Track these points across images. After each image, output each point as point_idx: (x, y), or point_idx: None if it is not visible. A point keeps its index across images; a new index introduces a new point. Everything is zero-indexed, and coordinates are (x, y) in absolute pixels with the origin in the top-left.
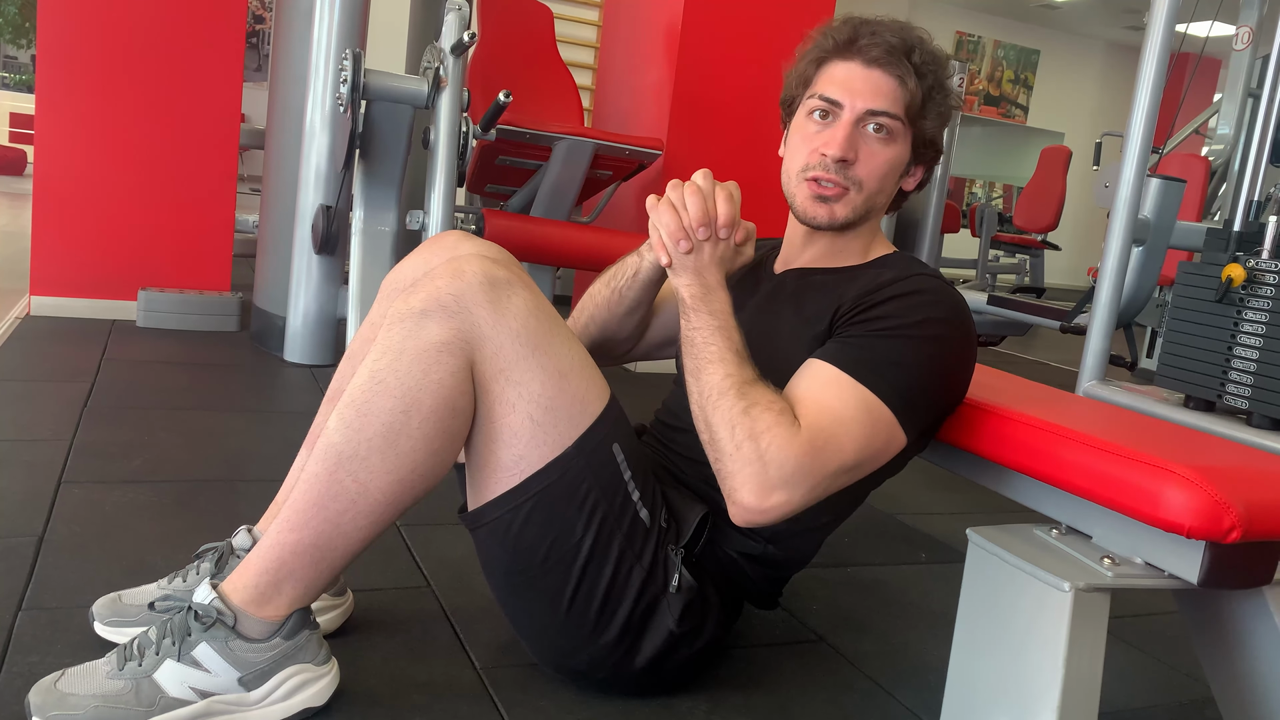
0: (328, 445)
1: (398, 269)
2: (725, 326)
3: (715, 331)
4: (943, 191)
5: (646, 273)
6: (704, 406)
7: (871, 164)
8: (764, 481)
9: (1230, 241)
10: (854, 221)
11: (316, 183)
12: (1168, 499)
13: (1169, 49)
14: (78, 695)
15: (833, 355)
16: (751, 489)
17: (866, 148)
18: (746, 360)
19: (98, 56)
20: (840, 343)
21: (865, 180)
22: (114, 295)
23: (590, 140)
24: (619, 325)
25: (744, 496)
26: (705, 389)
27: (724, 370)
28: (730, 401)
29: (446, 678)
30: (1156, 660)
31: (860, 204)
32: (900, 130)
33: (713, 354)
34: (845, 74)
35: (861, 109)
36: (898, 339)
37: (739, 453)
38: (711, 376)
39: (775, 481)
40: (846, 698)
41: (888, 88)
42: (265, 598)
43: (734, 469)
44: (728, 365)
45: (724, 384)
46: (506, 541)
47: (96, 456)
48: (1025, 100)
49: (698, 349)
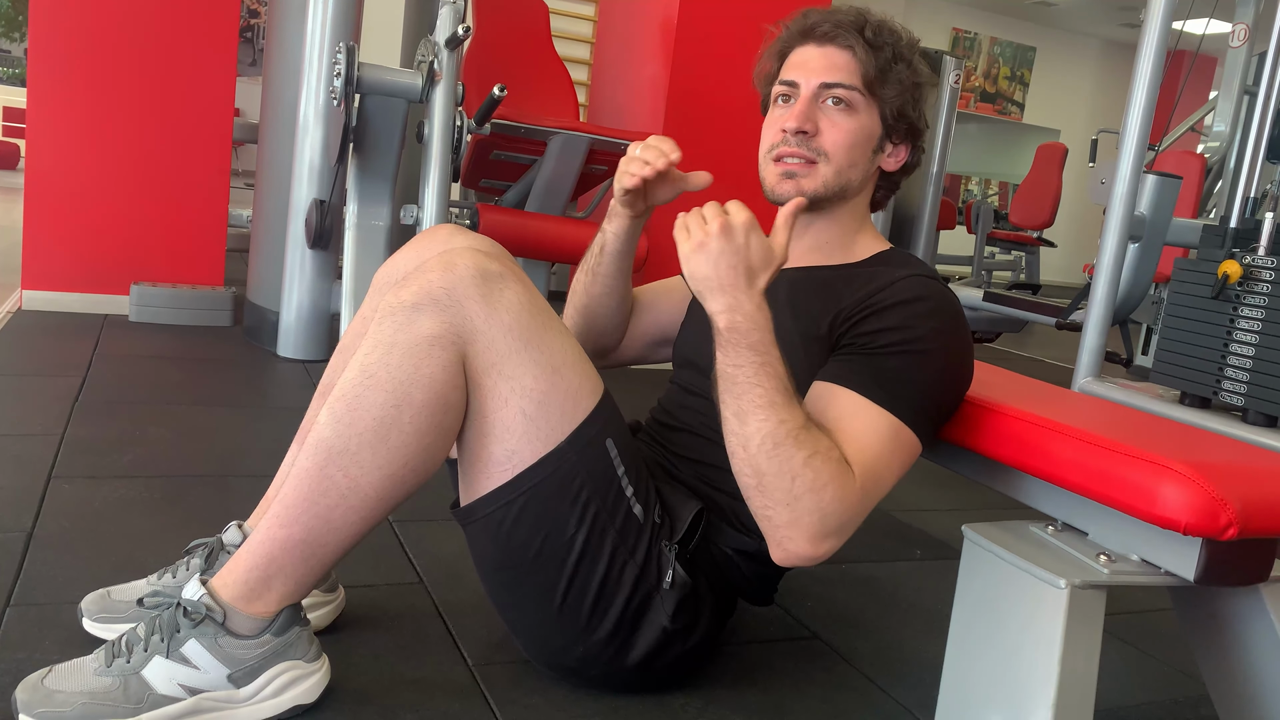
0: (318, 440)
1: (390, 263)
2: (769, 363)
3: (759, 370)
4: (938, 188)
5: (613, 243)
6: (754, 454)
7: (834, 134)
8: (821, 531)
9: (1226, 238)
10: (825, 197)
11: (310, 177)
12: (1164, 495)
13: (1165, 46)
14: (65, 692)
15: (848, 377)
16: (808, 538)
17: (827, 119)
18: (795, 400)
19: (90, 50)
20: (851, 360)
21: (830, 151)
22: (106, 290)
23: (585, 135)
24: (601, 308)
25: (798, 546)
26: (756, 435)
27: (777, 417)
28: (789, 452)
29: (438, 675)
30: (1152, 658)
31: (830, 176)
32: (860, 101)
33: (760, 398)
34: (802, 57)
35: (816, 83)
36: (908, 354)
37: (798, 504)
38: (763, 424)
39: (833, 529)
40: (841, 695)
41: (841, 60)
42: (255, 594)
43: (790, 519)
44: (779, 411)
45: (779, 432)
46: (499, 537)
47: (87, 452)
48: (1021, 97)
49: (740, 389)
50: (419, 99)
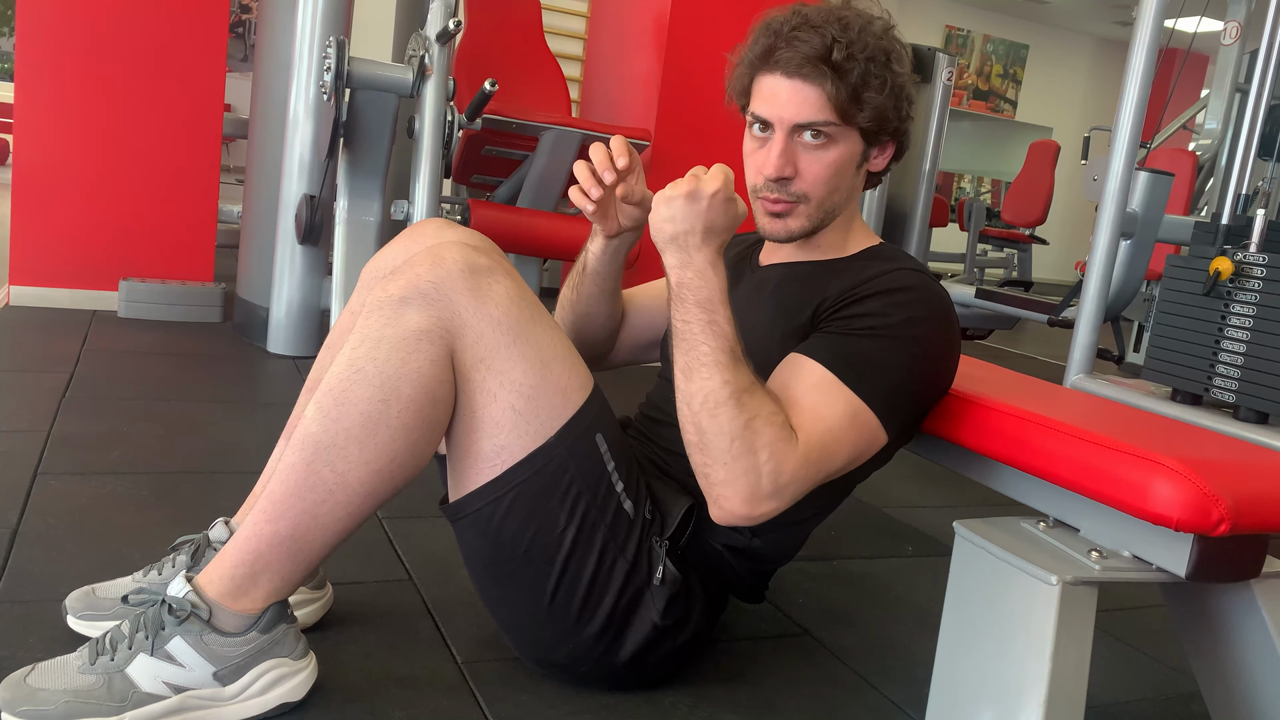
0: (305, 435)
1: (378, 257)
2: (717, 321)
3: (707, 328)
4: (931, 186)
5: (593, 263)
6: (697, 411)
7: (812, 173)
8: (756, 492)
9: (1218, 235)
10: (814, 229)
11: (300, 172)
12: (1156, 491)
13: (1157, 44)
14: (48, 690)
15: (818, 352)
16: (744, 499)
17: (806, 157)
18: (742, 362)
19: (79, 44)
20: (826, 338)
21: (810, 191)
22: (95, 285)
23: (577, 130)
24: (588, 324)
25: (733, 505)
26: (699, 393)
27: (720, 376)
28: (729, 412)
29: (427, 672)
30: (1143, 654)
31: (814, 212)
32: (838, 131)
33: (705, 356)
34: (771, 89)
35: (790, 123)
36: (882, 339)
37: (735, 463)
38: (707, 382)
39: (768, 492)
40: (832, 691)
41: (813, 97)
42: (241, 590)
43: (727, 477)
44: (724, 370)
45: (721, 392)
46: (488, 533)
47: (74, 448)
48: (1014, 95)
49: (688, 345)
50: (410, 94)
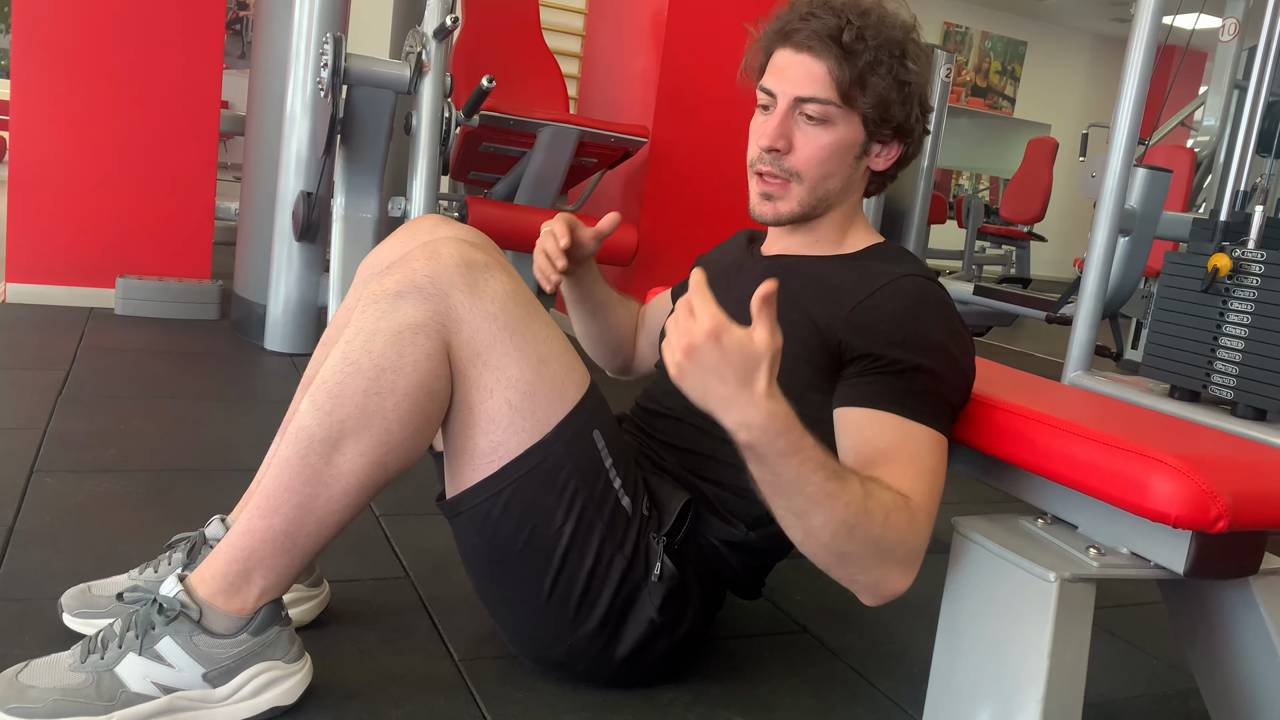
0: (299, 429)
1: (375, 252)
2: (808, 459)
3: (800, 468)
4: (929, 183)
5: (567, 296)
6: (829, 542)
7: (806, 152)
8: (906, 570)
9: (1216, 231)
10: (804, 215)
11: (297, 169)
12: (1154, 488)
13: (1156, 41)
14: (38, 688)
15: (888, 402)
16: (895, 579)
17: (802, 135)
18: (845, 475)
19: (75, 41)
20: (880, 382)
21: (802, 170)
22: (92, 283)
23: (575, 127)
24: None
25: (888, 590)
26: (826, 528)
27: (840, 502)
28: (864, 527)
29: (424, 670)
30: (1141, 651)
31: (805, 195)
32: (838, 114)
33: (815, 493)
34: (782, 62)
35: (791, 96)
36: (930, 371)
37: (885, 561)
38: (830, 516)
39: (914, 562)
40: (830, 689)
41: (818, 72)
42: (234, 588)
43: (881, 574)
44: (838, 497)
45: (848, 516)
46: (485, 530)
47: (70, 445)
48: (1012, 92)
49: (791, 492)
50: (407, 90)
